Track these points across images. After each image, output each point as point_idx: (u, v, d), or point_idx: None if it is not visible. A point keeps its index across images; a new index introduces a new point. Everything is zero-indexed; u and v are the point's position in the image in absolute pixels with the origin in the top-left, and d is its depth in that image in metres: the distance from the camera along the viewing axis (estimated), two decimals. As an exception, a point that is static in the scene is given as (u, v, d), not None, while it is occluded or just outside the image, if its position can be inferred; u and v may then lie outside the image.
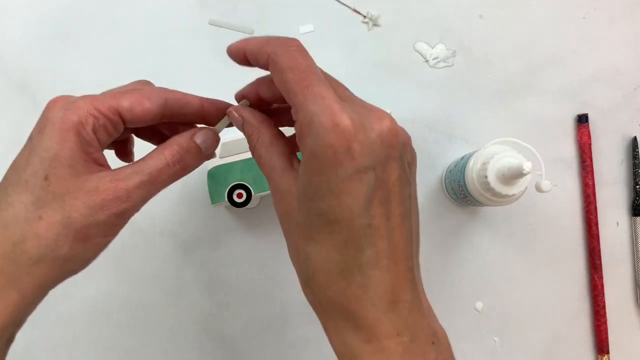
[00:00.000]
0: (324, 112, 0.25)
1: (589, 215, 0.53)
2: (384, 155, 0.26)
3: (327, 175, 0.25)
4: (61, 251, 0.28)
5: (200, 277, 0.53)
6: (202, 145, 0.31)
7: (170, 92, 0.31)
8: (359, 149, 0.25)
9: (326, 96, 0.25)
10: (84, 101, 0.29)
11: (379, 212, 0.26)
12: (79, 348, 0.52)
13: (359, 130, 0.25)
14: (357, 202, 0.25)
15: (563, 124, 0.54)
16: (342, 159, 0.25)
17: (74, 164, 0.28)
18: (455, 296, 0.53)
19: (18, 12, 0.54)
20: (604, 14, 0.54)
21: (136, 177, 0.29)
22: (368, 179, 0.25)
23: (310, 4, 0.54)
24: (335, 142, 0.24)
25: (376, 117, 0.26)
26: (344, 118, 0.25)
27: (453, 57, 0.54)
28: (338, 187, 0.25)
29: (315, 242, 0.26)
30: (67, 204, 0.28)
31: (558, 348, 0.53)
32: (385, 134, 0.26)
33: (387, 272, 0.26)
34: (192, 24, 0.54)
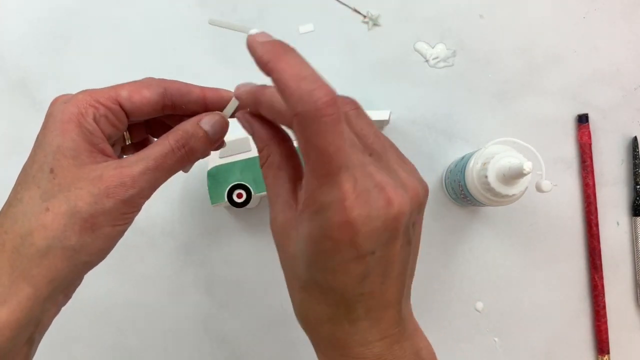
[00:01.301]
0: (334, 207, 0.24)
1: (589, 215, 0.52)
2: (386, 238, 0.25)
3: (324, 257, 0.25)
4: (69, 241, 0.27)
5: (200, 277, 0.53)
6: (210, 129, 0.31)
7: (170, 82, 0.31)
8: (362, 241, 0.24)
9: (343, 188, 0.24)
10: (83, 94, 0.29)
11: (374, 281, 0.26)
12: (79, 348, 0.52)
13: (364, 223, 0.24)
14: (353, 279, 0.25)
15: (563, 124, 0.54)
16: (342, 249, 0.24)
17: (78, 154, 0.28)
18: (455, 296, 0.53)
19: (18, 12, 0.54)
20: (604, 13, 0.54)
21: (141, 164, 0.29)
22: (367, 261, 0.25)
23: (311, 4, 0.54)
24: (338, 237, 0.24)
25: (384, 202, 0.24)
26: (354, 214, 0.24)
27: (453, 56, 0.54)
28: (335, 267, 0.25)
29: (308, 294, 0.27)
30: (73, 194, 0.27)
31: (558, 348, 0.53)
32: (390, 220, 0.25)
33: (375, 320, 0.27)
34: (192, 24, 0.54)
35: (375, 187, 0.24)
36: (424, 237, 0.30)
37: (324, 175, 0.24)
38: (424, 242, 0.30)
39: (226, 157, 0.48)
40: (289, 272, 0.28)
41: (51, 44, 0.54)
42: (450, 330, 0.53)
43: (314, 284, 0.26)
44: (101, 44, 0.54)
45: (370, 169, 0.25)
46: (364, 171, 0.25)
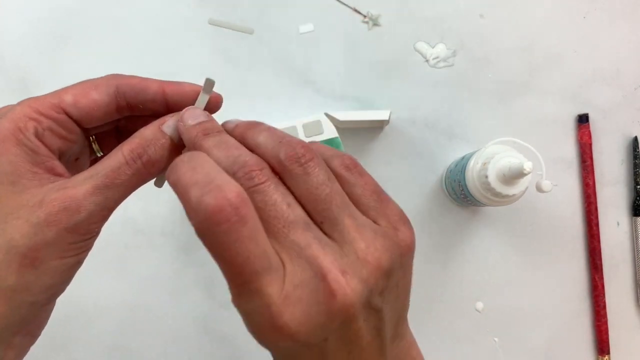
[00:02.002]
0: (260, 315, 0.21)
1: (590, 215, 0.52)
2: (338, 325, 0.22)
3: (271, 350, 0.23)
4: (6, 282, 0.23)
5: (200, 277, 0.53)
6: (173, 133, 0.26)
7: (124, 78, 0.27)
8: (304, 337, 0.21)
9: (266, 293, 0.21)
10: (21, 106, 0.25)
11: (339, 355, 0.23)
12: (79, 348, 0.52)
13: (302, 323, 0.21)
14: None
15: (563, 124, 0.54)
16: (285, 345, 0.22)
17: (18, 179, 0.24)
18: (455, 296, 0.53)
19: (18, 12, 0.54)
20: (604, 13, 0.54)
21: (89, 183, 0.24)
22: (320, 347, 0.22)
23: (311, 4, 0.54)
24: (273, 339, 0.22)
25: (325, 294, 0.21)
26: (284, 320, 0.21)
27: (453, 56, 0.54)
28: (288, 354, 0.23)
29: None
30: (9, 225, 0.23)
31: (558, 348, 0.53)
32: (335, 314, 0.21)
33: None
34: (192, 24, 0.54)
35: (315, 277, 0.21)
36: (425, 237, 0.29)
37: (239, 285, 0.21)
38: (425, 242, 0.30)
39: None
40: None
41: (51, 44, 0.54)
42: (450, 330, 0.53)
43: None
44: (101, 44, 0.54)
45: (311, 252, 0.21)
46: (302, 257, 0.21)
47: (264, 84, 0.53)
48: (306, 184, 0.23)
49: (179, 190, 0.21)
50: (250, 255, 0.20)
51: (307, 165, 0.23)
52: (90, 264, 0.54)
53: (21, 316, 0.25)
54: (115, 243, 0.52)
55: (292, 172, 0.23)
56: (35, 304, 0.25)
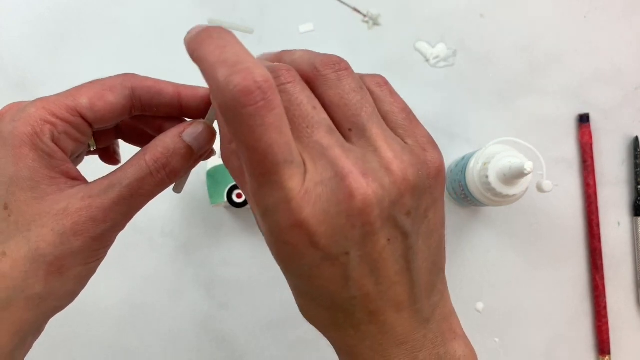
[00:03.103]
0: (279, 210, 0.20)
1: (591, 215, 0.52)
2: (359, 236, 0.21)
3: (291, 264, 0.22)
4: (33, 290, 0.23)
5: (200, 277, 0.53)
6: (194, 143, 0.26)
7: (139, 79, 0.27)
8: (325, 241, 0.21)
9: (287, 187, 0.20)
10: (35, 107, 0.24)
11: (364, 283, 0.22)
12: (79, 348, 0.52)
13: (322, 222, 0.20)
14: (333, 283, 0.22)
15: (564, 124, 0.53)
16: (304, 252, 0.21)
17: (37, 184, 0.24)
18: (456, 297, 0.52)
19: (17, 11, 0.54)
20: (605, 13, 0.54)
21: (113, 192, 0.24)
22: (341, 264, 0.21)
23: (311, 3, 0.54)
24: (292, 241, 0.21)
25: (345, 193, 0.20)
26: (304, 214, 0.20)
27: (454, 56, 0.54)
28: (306, 272, 0.22)
29: (303, 299, 0.24)
30: (33, 233, 0.23)
31: (559, 349, 0.53)
32: (356, 216, 0.21)
33: (385, 325, 0.23)
34: (192, 23, 0.54)
35: (335, 177, 0.20)
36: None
37: (260, 175, 0.20)
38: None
39: (226, 157, 0.48)
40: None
41: (50, 44, 0.54)
42: (450, 330, 0.52)
43: (300, 290, 0.24)
44: (101, 44, 0.54)
45: (334, 153, 0.21)
46: (323, 158, 0.21)
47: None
48: (338, 89, 0.22)
49: (206, 68, 0.20)
50: (274, 143, 0.20)
51: (341, 73, 0.23)
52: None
53: (44, 320, 0.25)
54: (115, 243, 0.52)
55: (326, 77, 0.23)
56: (57, 309, 0.25)
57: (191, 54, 0.21)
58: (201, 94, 0.28)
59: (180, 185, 0.28)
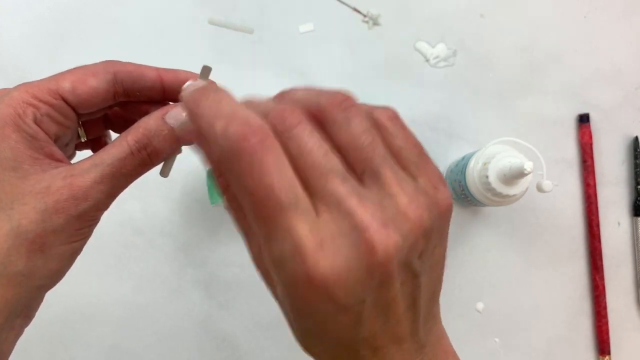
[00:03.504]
0: (294, 261, 0.20)
1: (590, 215, 0.52)
2: (376, 285, 0.21)
3: (305, 313, 0.21)
4: (15, 267, 0.24)
5: (200, 277, 0.53)
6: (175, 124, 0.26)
7: (121, 65, 0.27)
8: (343, 295, 0.20)
9: (296, 234, 0.19)
10: (18, 91, 0.25)
11: (373, 324, 0.22)
12: (79, 348, 0.52)
13: (341, 277, 0.20)
14: (345, 328, 0.22)
15: (564, 124, 0.53)
16: (321, 306, 0.20)
17: (19, 164, 0.24)
18: (456, 297, 0.53)
19: (17, 11, 0.54)
20: (605, 13, 0.54)
21: (95, 171, 0.25)
22: (355, 312, 0.21)
23: (311, 3, 0.54)
24: (310, 296, 0.20)
25: (365, 246, 0.20)
26: (321, 270, 0.19)
27: (454, 56, 0.54)
28: (320, 319, 0.21)
29: (305, 338, 0.24)
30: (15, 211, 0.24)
31: (559, 349, 0.52)
32: (376, 269, 0.20)
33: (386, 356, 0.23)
34: (192, 23, 0.54)
35: (355, 229, 0.20)
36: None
37: (265, 221, 0.20)
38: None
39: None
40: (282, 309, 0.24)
41: (50, 44, 0.54)
42: (450, 331, 0.52)
43: (307, 331, 0.23)
44: (100, 44, 0.54)
45: (351, 203, 0.20)
46: (340, 208, 0.20)
47: (264, 84, 0.53)
48: (348, 131, 0.21)
49: (203, 124, 0.21)
50: (275, 184, 0.19)
51: (350, 111, 0.22)
52: (90, 264, 0.54)
53: (28, 300, 0.25)
54: (115, 243, 0.52)
55: (334, 118, 0.22)
56: (41, 288, 0.26)
57: (189, 112, 0.22)
58: (182, 77, 0.28)
59: (167, 169, 0.29)
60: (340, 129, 0.22)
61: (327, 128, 0.22)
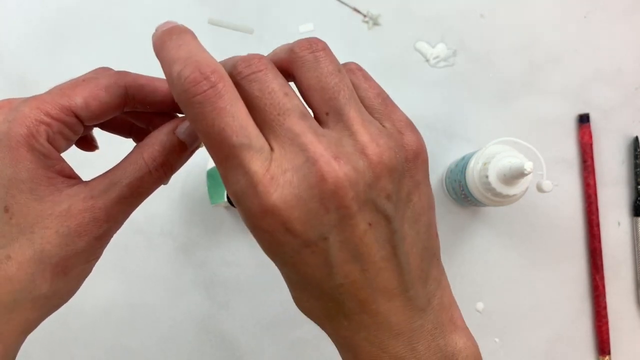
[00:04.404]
0: (248, 195, 0.21)
1: (590, 215, 0.52)
2: (336, 220, 0.21)
3: (273, 251, 0.22)
4: (40, 291, 0.24)
5: (200, 277, 0.53)
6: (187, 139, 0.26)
7: (133, 77, 0.27)
8: (300, 227, 0.21)
9: (250, 170, 0.20)
10: (29, 107, 0.24)
11: (349, 269, 0.22)
12: (79, 348, 0.52)
13: (293, 207, 0.20)
14: (318, 271, 0.22)
15: (564, 124, 0.53)
16: (282, 240, 0.21)
17: (36, 186, 0.24)
18: (455, 297, 0.53)
19: (17, 12, 0.54)
20: (605, 13, 0.54)
21: (114, 191, 0.25)
22: (321, 249, 0.21)
23: (311, 3, 0.54)
24: (268, 228, 0.21)
25: (316, 177, 0.20)
26: (273, 199, 0.20)
27: (454, 56, 0.54)
28: (289, 260, 0.22)
29: (295, 291, 0.24)
30: (37, 235, 0.23)
31: (559, 349, 0.52)
32: (328, 199, 0.20)
33: (377, 314, 0.23)
34: (192, 23, 0.54)
35: (306, 162, 0.21)
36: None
37: (221, 161, 0.21)
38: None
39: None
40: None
41: (50, 44, 0.54)
42: (450, 330, 0.52)
43: (290, 279, 0.24)
44: (100, 44, 0.54)
45: (305, 139, 0.21)
46: (294, 145, 0.21)
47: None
48: (315, 71, 0.23)
49: (164, 66, 0.22)
50: (226, 127, 0.20)
51: (319, 54, 0.23)
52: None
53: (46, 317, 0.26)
54: (114, 243, 0.52)
55: (303, 59, 0.23)
56: (57, 306, 0.26)
57: (155, 53, 0.23)
58: None
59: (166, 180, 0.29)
60: (309, 69, 0.23)
61: (296, 69, 0.23)
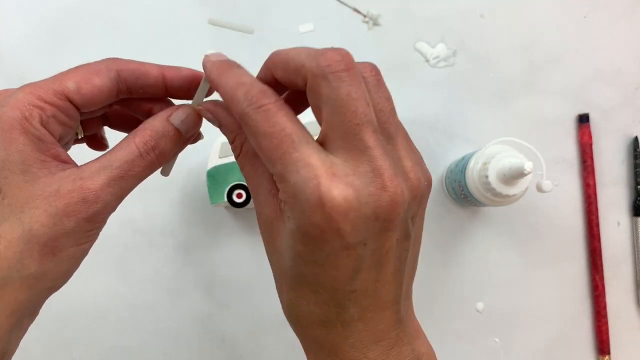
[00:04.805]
0: (308, 186, 0.21)
1: (590, 215, 0.52)
2: (378, 229, 0.23)
3: (312, 248, 0.23)
4: (28, 270, 0.24)
5: (200, 277, 0.53)
6: (181, 126, 0.27)
7: (124, 62, 0.27)
8: (349, 229, 0.22)
9: (310, 163, 0.22)
10: (23, 92, 0.25)
11: (367, 277, 0.24)
12: (79, 348, 0.52)
13: (350, 208, 0.21)
14: (343, 274, 0.23)
15: (564, 124, 0.53)
16: (328, 237, 0.22)
17: (28, 168, 0.24)
18: (456, 297, 0.53)
19: (17, 12, 0.54)
20: (605, 13, 0.54)
21: (104, 174, 0.25)
22: (357, 254, 0.23)
23: (311, 3, 0.54)
24: (321, 223, 0.22)
25: (378, 187, 0.22)
26: (334, 194, 0.21)
27: (454, 56, 0.54)
28: (322, 260, 0.23)
29: (297, 294, 0.25)
30: (26, 215, 0.24)
31: (559, 349, 0.53)
32: (382, 210, 0.22)
33: (370, 322, 0.25)
34: (192, 23, 0.54)
35: (372, 172, 0.22)
36: (425, 238, 0.29)
37: (280, 156, 0.22)
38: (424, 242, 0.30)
39: (226, 157, 0.48)
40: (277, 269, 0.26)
41: (50, 44, 0.54)
42: (450, 330, 0.53)
43: (303, 281, 0.24)
44: (101, 44, 0.54)
45: (376, 153, 0.22)
46: (364, 155, 0.22)
47: (264, 84, 0.53)
48: (379, 94, 0.25)
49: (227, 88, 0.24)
50: (287, 126, 0.22)
51: (379, 77, 0.26)
52: (90, 264, 0.54)
53: (38, 301, 0.26)
54: (115, 243, 0.52)
55: (367, 79, 0.25)
56: (51, 289, 0.26)
57: (211, 80, 0.25)
58: (185, 74, 0.28)
59: (168, 168, 0.30)
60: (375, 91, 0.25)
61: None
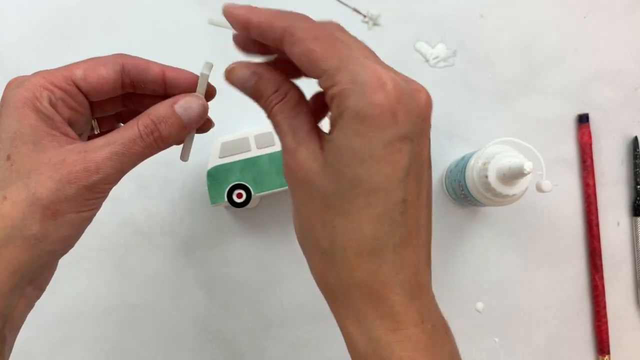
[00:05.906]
0: (367, 71, 0.24)
1: (590, 215, 0.52)
2: (420, 128, 0.25)
3: (370, 138, 0.24)
4: (30, 230, 0.26)
5: (200, 277, 0.53)
6: (183, 113, 0.29)
7: (129, 57, 0.30)
8: (403, 115, 0.24)
9: (367, 56, 0.25)
10: (37, 77, 0.28)
11: (413, 187, 0.25)
12: (79, 348, 0.52)
13: (402, 93, 0.24)
14: (397, 173, 0.25)
15: (564, 124, 0.53)
16: (387, 121, 0.24)
17: (38, 139, 0.27)
18: (455, 296, 0.53)
19: (17, 12, 0.54)
20: (605, 13, 0.54)
21: (107, 148, 0.27)
22: (407, 150, 0.25)
23: (310, 4, 0.54)
24: (383, 102, 0.24)
25: (415, 88, 0.26)
26: (389, 79, 0.24)
27: (454, 56, 0.54)
28: (380, 153, 0.24)
29: (347, 215, 0.25)
30: (32, 180, 0.26)
31: (559, 348, 0.53)
32: (423, 106, 0.25)
33: (414, 254, 0.26)
34: (192, 23, 0.54)
35: (403, 80, 0.25)
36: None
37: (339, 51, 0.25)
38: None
39: (226, 157, 0.48)
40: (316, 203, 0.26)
41: (50, 44, 0.54)
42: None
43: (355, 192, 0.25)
44: (101, 44, 0.54)
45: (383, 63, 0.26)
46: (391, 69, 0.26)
47: (264, 84, 0.53)
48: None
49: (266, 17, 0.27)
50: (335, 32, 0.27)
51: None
52: (91, 264, 0.54)
53: (39, 264, 0.27)
54: (115, 243, 0.52)
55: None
56: (52, 253, 0.28)
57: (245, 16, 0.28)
58: (184, 75, 0.30)
59: (185, 154, 0.31)
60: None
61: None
